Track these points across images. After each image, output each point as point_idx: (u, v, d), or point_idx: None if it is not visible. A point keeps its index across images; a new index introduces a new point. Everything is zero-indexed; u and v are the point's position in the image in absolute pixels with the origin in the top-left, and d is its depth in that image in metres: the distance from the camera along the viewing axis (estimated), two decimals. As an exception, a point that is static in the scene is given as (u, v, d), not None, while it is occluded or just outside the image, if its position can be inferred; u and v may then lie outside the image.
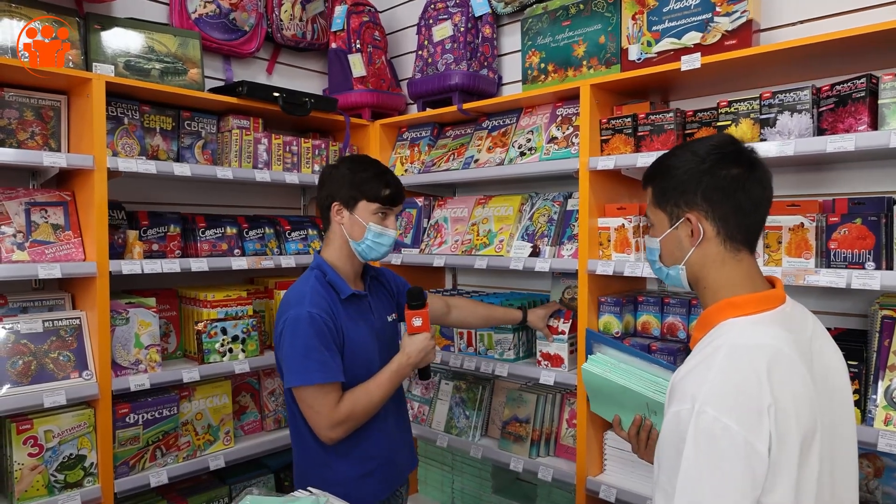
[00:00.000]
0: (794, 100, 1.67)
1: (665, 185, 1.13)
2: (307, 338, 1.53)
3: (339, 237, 1.71)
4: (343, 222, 1.69)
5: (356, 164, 1.71)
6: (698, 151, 1.10)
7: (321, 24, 2.86)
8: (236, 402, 2.40)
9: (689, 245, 1.11)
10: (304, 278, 1.68)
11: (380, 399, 1.62)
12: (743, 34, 1.79)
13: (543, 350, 2.17)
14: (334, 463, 1.64)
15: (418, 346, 1.66)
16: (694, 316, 1.94)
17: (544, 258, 2.16)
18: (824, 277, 1.56)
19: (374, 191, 1.67)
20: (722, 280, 1.09)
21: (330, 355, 1.55)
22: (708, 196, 1.07)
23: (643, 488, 1.93)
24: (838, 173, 1.88)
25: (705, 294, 1.12)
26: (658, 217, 1.16)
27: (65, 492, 1.89)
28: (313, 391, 1.53)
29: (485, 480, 2.53)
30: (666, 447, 0.98)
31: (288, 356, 1.56)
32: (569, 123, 2.19)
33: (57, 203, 2.00)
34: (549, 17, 2.25)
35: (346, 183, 1.67)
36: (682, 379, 0.99)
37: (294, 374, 1.54)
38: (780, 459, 0.91)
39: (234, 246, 2.40)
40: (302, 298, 1.58)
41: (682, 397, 0.96)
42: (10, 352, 1.84)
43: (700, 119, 1.91)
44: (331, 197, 1.69)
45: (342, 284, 1.67)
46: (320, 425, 1.55)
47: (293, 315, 1.56)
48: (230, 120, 2.40)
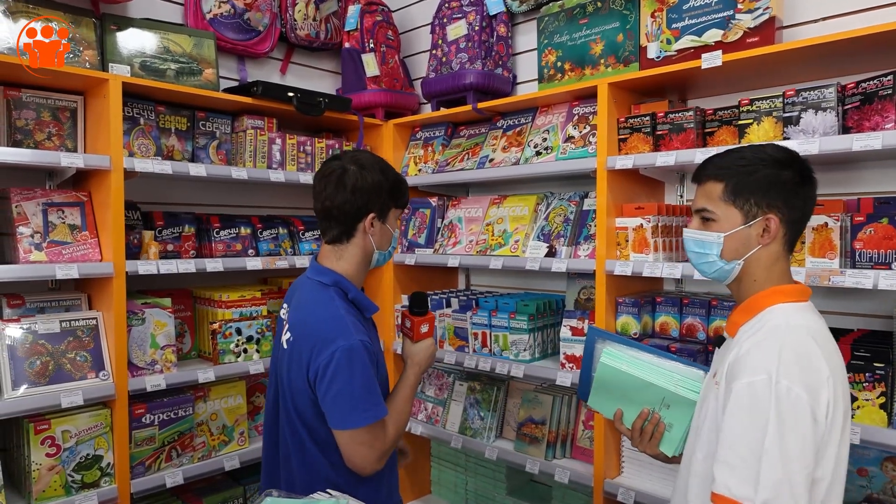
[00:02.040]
0: (818, 98, 1.64)
1: (746, 183, 1.17)
2: (365, 371, 1.39)
3: (361, 249, 1.53)
4: (374, 233, 1.52)
5: (383, 167, 1.54)
6: (781, 159, 1.17)
7: (334, 24, 2.85)
8: (250, 403, 2.40)
9: (756, 243, 1.18)
10: (328, 299, 1.47)
11: (408, 416, 1.55)
12: (765, 31, 1.77)
13: (568, 352, 2.14)
14: (346, 486, 1.45)
15: (426, 353, 1.60)
16: (714, 317, 1.91)
17: (560, 258, 2.14)
18: (850, 278, 1.53)
19: (402, 196, 1.57)
20: (771, 274, 1.19)
21: (379, 385, 1.44)
22: (790, 202, 1.17)
23: (663, 490, 1.91)
24: (863, 172, 1.84)
25: (750, 285, 1.20)
26: (728, 212, 1.19)
27: (82, 492, 1.89)
28: (375, 428, 1.40)
29: (499, 482, 2.52)
30: (736, 419, 1.05)
31: (346, 394, 1.37)
32: (586, 122, 2.17)
33: (74, 203, 2.01)
34: (566, 15, 2.23)
35: (384, 191, 1.51)
36: (748, 354, 1.08)
37: (359, 413, 1.37)
38: (831, 430, 1.03)
39: (249, 246, 2.39)
40: (344, 326, 1.41)
41: (753, 370, 1.05)
42: (27, 352, 1.84)
43: (720, 118, 1.89)
44: (367, 208, 1.49)
45: (367, 302, 1.54)
46: (372, 460, 1.41)
47: (345, 347, 1.37)
48: (244, 120, 2.40)
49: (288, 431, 1.50)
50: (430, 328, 1.64)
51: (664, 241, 1.96)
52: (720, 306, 1.89)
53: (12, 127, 1.92)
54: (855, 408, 1.54)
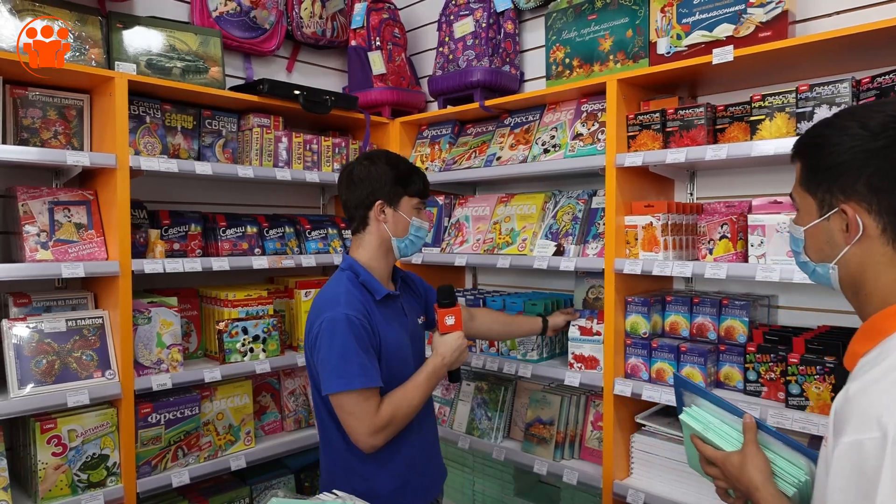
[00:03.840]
0: (832, 93, 1.61)
1: (817, 162, 0.91)
2: (345, 340, 1.48)
3: (376, 236, 1.66)
4: (386, 220, 1.64)
5: (392, 160, 1.67)
6: (869, 123, 0.85)
7: (341, 22, 2.84)
8: (257, 402, 2.39)
9: (842, 241, 0.91)
10: (336, 280, 1.63)
11: (419, 402, 1.56)
12: (778, 26, 1.74)
13: (576, 352, 2.12)
14: (369, 475, 1.58)
15: (452, 346, 1.61)
16: (725, 316, 1.88)
17: (569, 257, 2.12)
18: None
19: (415, 185, 1.67)
20: (886, 285, 0.87)
21: (368, 358, 1.49)
22: (874, 184, 0.85)
23: (672, 492, 1.88)
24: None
25: (867, 301, 0.90)
26: (805, 202, 0.96)
27: (88, 491, 1.89)
28: (354, 397, 1.47)
29: (507, 483, 2.50)
30: (839, 486, 0.79)
31: (325, 361, 1.49)
32: (594, 119, 2.15)
33: (80, 202, 2.00)
34: (574, 11, 2.21)
35: (389, 180, 1.63)
36: (857, 398, 0.81)
37: (333, 379, 1.47)
38: None
39: (255, 245, 2.38)
40: (336, 300, 1.53)
41: (862, 423, 0.77)
42: (34, 351, 1.84)
43: (732, 114, 1.86)
44: (373, 196, 1.63)
45: (376, 285, 1.62)
46: (361, 432, 1.48)
47: (329, 318, 1.50)
48: (251, 118, 2.39)
49: (315, 411, 1.65)
50: (457, 320, 1.65)
51: (674, 239, 1.93)
52: (731, 305, 1.86)
53: (19, 125, 1.92)
54: None
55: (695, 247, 2.00)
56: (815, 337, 1.70)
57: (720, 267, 1.76)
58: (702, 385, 1.31)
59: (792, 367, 1.64)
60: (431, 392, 1.63)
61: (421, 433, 1.68)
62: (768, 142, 1.67)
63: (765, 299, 2.00)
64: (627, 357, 1.99)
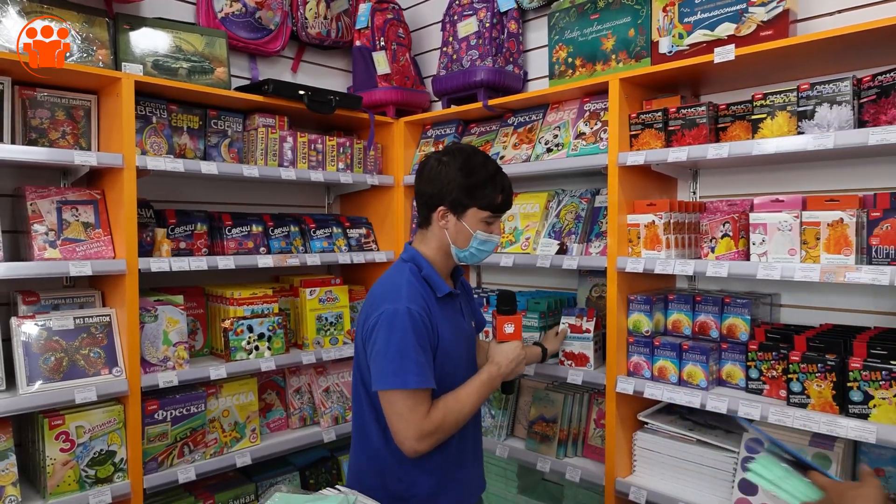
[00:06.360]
0: (833, 91, 1.62)
1: None
2: (404, 336, 1.39)
3: (436, 239, 1.57)
4: (447, 227, 1.55)
5: (469, 164, 1.52)
6: None
7: (345, 22, 2.86)
8: (262, 400, 2.41)
9: None
10: (397, 270, 1.55)
11: (470, 411, 1.48)
12: (779, 25, 1.74)
13: (567, 349, 2.14)
14: (404, 474, 1.51)
15: (510, 356, 1.54)
16: (727, 314, 1.88)
17: (572, 255, 2.13)
18: (866, 274, 1.51)
19: (488, 198, 1.53)
20: None
21: (426, 358, 1.42)
22: None
23: (674, 490, 1.89)
24: (879, 167, 1.81)
25: None
26: None
27: (95, 487, 1.91)
28: (406, 396, 1.39)
29: (510, 480, 2.51)
30: None
31: (380, 354, 1.41)
32: (597, 119, 2.16)
33: (87, 201, 2.03)
34: (577, 10, 2.22)
35: (458, 187, 1.51)
36: None
37: (387, 375, 1.39)
38: None
39: (260, 244, 2.40)
40: (398, 292, 1.45)
41: None
42: (42, 348, 1.87)
43: (733, 112, 1.86)
44: (437, 199, 1.53)
45: (439, 281, 1.54)
46: (407, 435, 1.40)
47: (390, 310, 1.41)
48: (256, 118, 2.41)
49: (355, 404, 1.58)
50: (517, 329, 1.58)
51: (676, 237, 1.94)
52: (733, 304, 1.87)
53: (27, 126, 1.95)
54: (871, 406, 1.52)
55: (697, 245, 2.01)
56: (817, 335, 1.71)
57: (722, 265, 1.76)
58: (775, 439, 1.30)
59: (793, 365, 1.64)
60: (483, 401, 1.54)
61: (465, 438, 1.60)
62: (770, 140, 1.68)
63: (767, 297, 2.00)
64: (630, 355, 2.00)
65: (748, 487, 1.73)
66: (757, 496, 1.71)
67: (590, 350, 2.10)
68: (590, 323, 2.10)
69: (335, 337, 2.54)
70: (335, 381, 2.58)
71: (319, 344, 2.49)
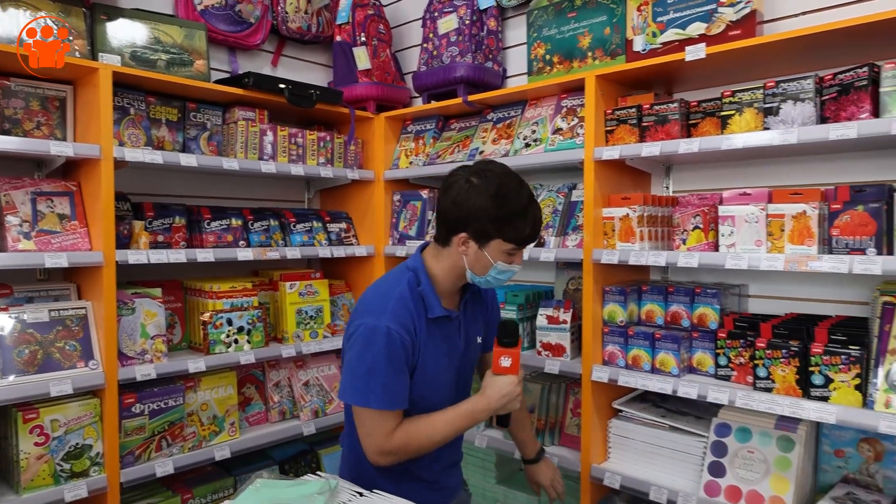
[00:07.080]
0: (797, 89, 1.69)
1: None
2: (377, 355, 1.38)
3: (451, 261, 1.49)
4: (467, 254, 1.46)
5: (501, 193, 1.41)
6: None
7: (326, 17, 2.87)
8: (241, 394, 2.41)
9: None
10: (395, 279, 1.50)
11: (441, 439, 1.44)
12: (747, 25, 1.81)
13: (544, 340, 2.18)
14: (374, 477, 1.51)
15: (502, 391, 1.46)
16: (697, 304, 1.95)
17: (549, 248, 2.18)
18: (826, 263, 1.58)
19: (515, 232, 1.43)
20: None
21: (397, 379, 1.39)
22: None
23: (647, 474, 1.95)
24: (840, 162, 1.90)
25: None
26: None
27: (71, 481, 1.89)
28: (369, 413, 1.40)
29: (488, 471, 2.54)
30: None
31: (351, 367, 1.41)
32: (574, 115, 2.21)
33: (63, 193, 2.00)
34: (555, 9, 2.27)
35: (486, 217, 1.41)
36: None
37: (353, 390, 1.41)
38: None
39: (240, 237, 2.40)
40: (384, 306, 1.42)
41: None
42: (16, 341, 1.84)
43: (704, 109, 1.93)
44: (461, 225, 1.43)
45: (433, 302, 1.48)
46: (369, 447, 1.43)
47: (370, 325, 1.39)
48: (236, 112, 2.41)
49: None
50: (514, 364, 1.47)
51: (650, 230, 2.00)
52: (703, 294, 1.93)
53: (1, 115, 1.92)
54: (832, 389, 1.59)
55: (670, 238, 2.08)
56: (782, 323, 1.78)
57: (692, 256, 1.83)
58: None
59: (759, 351, 1.71)
60: (464, 430, 1.49)
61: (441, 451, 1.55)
62: (738, 136, 1.74)
63: (736, 288, 2.08)
64: (605, 345, 2.05)
65: (717, 469, 1.80)
66: (725, 477, 1.78)
67: (566, 341, 2.15)
68: (567, 314, 2.15)
69: (315, 331, 2.54)
70: (315, 375, 2.59)
71: (299, 337, 2.49)
